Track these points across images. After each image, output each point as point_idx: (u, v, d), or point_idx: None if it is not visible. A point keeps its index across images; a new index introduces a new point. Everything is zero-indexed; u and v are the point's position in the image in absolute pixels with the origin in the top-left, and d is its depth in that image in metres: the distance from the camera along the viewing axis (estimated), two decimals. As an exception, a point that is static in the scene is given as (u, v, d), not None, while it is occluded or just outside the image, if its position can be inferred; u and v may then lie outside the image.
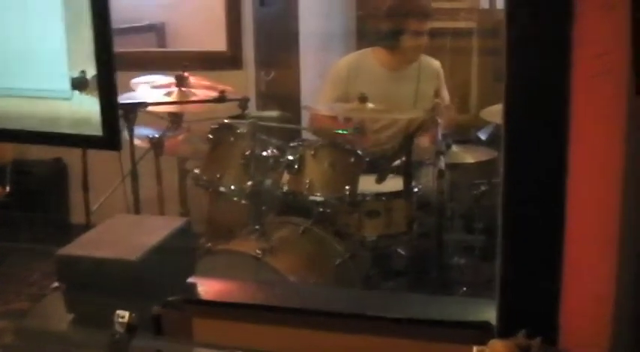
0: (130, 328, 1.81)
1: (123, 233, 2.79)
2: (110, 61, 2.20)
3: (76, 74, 2.26)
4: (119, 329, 1.81)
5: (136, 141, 4.32)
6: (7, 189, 5.54)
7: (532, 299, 1.90)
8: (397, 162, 4.22)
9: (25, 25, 2.33)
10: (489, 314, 2.04)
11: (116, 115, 2.31)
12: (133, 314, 1.81)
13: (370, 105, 4.30)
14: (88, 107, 2.26)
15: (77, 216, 5.77)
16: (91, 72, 2.23)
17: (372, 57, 5.17)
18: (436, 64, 5.24)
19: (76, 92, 2.27)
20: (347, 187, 3.98)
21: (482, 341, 1.85)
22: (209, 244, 4.03)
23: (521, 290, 1.91)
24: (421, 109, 4.72)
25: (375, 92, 4.73)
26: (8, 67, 2.40)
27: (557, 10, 1.73)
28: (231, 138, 4.11)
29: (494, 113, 4.35)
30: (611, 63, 1.71)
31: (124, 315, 1.81)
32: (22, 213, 5.52)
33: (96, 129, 2.28)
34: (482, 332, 1.96)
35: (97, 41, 2.17)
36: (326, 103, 5.02)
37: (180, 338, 2.01)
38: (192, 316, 2.06)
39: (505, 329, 1.89)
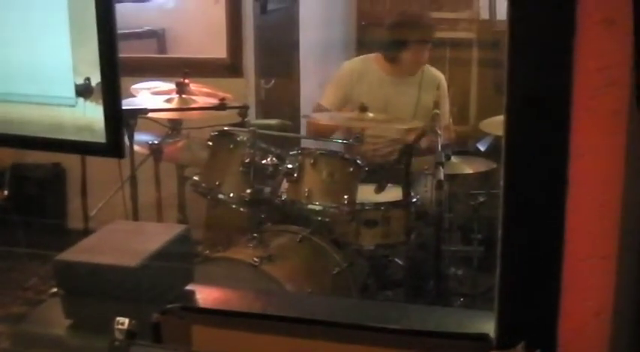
0: (130, 334, 1.81)
1: (122, 239, 2.79)
2: (115, 69, 2.21)
3: (80, 81, 2.26)
4: (119, 335, 1.81)
5: (136, 147, 4.33)
6: (6, 192, 5.55)
7: (531, 311, 1.90)
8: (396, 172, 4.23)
9: (30, 32, 2.34)
10: (487, 325, 2.04)
11: (120, 123, 2.32)
12: (133, 321, 1.81)
13: (370, 114, 4.32)
14: (91, 114, 2.26)
15: (75, 221, 5.77)
16: (96, 79, 2.24)
17: (375, 63, 5.20)
18: (439, 76, 5.26)
19: (81, 99, 2.27)
20: (345, 196, 3.98)
21: (480, 353, 1.85)
22: (207, 251, 4.04)
23: (521, 302, 1.91)
24: (421, 118, 4.75)
25: (376, 97, 4.76)
26: (13, 73, 2.40)
27: (558, 23, 1.74)
28: (231, 146, 4.12)
29: (494, 124, 4.37)
30: (613, 77, 1.72)
31: (123, 322, 1.81)
32: (19, 217, 5.51)
33: (99, 136, 2.28)
34: (480, 344, 1.95)
35: (102, 48, 2.17)
36: (328, 104, 5.04)
37: (180, 346, 2.01)
38: (192, 323, 2.06)
39: (504, 341, 1.89)
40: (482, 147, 4.90)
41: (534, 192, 1.84)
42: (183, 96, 4.56)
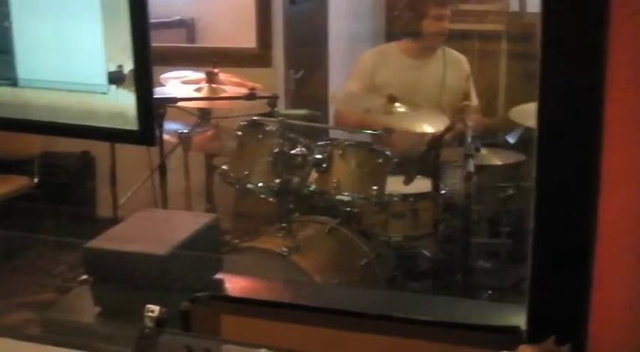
0: (160, 323, 1.81)
1: (151, 227, 2.81)
2: (147, 56, 2.21)
3: (113, 68, 2.27)
4: (149, 323, 1.81)
5: (165, 136, 4.34)
6: (35, 180, 5.58)
7: (562, 305, 1.89)
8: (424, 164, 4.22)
9: (63, 19, 2.34)
10: (515, 318, 2.04)
11: (152, 110, 2.32)
12: (163, 309, 1.81)
13: (398, 104, 4.30)
14: (124, 101, 2.27)
15: (104, 210, 5.79)
16: (128, 66, 2.24)
17: (397, 48, 5.21)
18: (463, 58, 5.27)
19: (113, 86, 2.28)
20: (374, 187, 3.97)
21: (510, 347, 1.85)
22: (235, 241, 4.04)
23: (552, 296, 1.90)
24: (447, 98, 4.74)
25: (400, 81, 4.76)
26: (46, 60, 2.41)
27: (591, 15, 1.73)
28: (260, 136, 4.11)
29: (524, 113, 4.33)
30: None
31: (154, 310, 1.82)
32: (48, 204, 5.54)
33: (131, 124, 2.29)
34: (511, 337, 1.95)
35: (135, 36, 2.17)
36: (352, 95, 5.03)
37: (209, 334, 2.02)
38: (221, 312, 2.06)
39: (534, 335, 1.89)
40: (511, 140, 4.87)
41: (567, 185, 1.83)
42: (213, 85, 4.56)
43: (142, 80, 2.22)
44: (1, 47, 2.43)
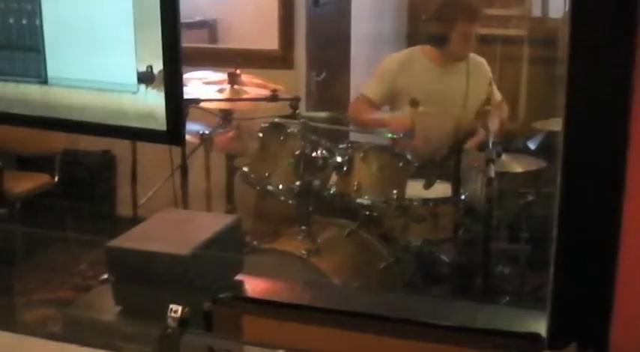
0: (183, 323, 1.82)
1: (173, 227, 2.82)
2: (178, 57, 2.22)
3: (143, 68, 2.28)
4: (171, 323, 1.82)
5: (187, 137, 4.35)
6: (56, 178, 5.60)
7: (584, 312, 1.89)
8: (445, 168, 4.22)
9: (94, 18, 2.36)
10: (535, 324, 2.04)
11: (181, 111, 2.33)
12: (186, 309, 1.82)
13: (421, 108, 4.30)
14: (153, 101, 2.28)
15: (124, 209, 5.81)
16: (158, 67, 2.25)
17: (421, 53, 5.15)
18: (482, 60, 5.21)
19: (142, 86, 2.29)
20: (394, 191, 3.98)
21: (531, 353, 1.85)
22: (255, 242, 4.05)
23: (573, 302, 1.90)
24: (470, 108, 4.71)
25: (424, 87, 4.73)
26: (76, 58, 2.42)
27: (620, 21, 1.73)
28: (281, 138, 4.12)
29: (547, 124, 4.33)
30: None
31: (177, 310, 1.82)
32: (69, 202, 5.56)
33: (160, 124, 2.30)
34: (532, 343, 1.94)
35: (166, 36, 2.19)
36: (371, 94, 5.00)
37: (231, 335, 2.02)
38: (243, 313, 2.07)
39: (555, 342, 1.88)
40: (532, 146, 4.86)
41: (591, 191, 1.83)
42: (235, 86, 4.57)
43: (172, 81, 2.23)
44: (32, 45, 2.45)
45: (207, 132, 4.51)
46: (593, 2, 1.75)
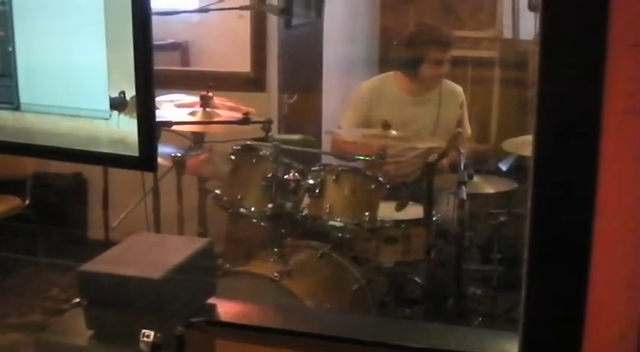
0: (155, 347, 1.82)
1: (146, 251, 2.81)
2: (150, 82, 2.22)
3: (115, 94, 2.27)
4: (144, 348, 1.82)
5: (159, 160, 4.33)
6: (27, 201, 5.57)
7: (555, 333, 1.90)
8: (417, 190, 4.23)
9: (66, 45, 2.35)
10: (507, 346, 2.05)
11: (154, 137, 2.33)
12: (159, 334, 1.82)
13: (393, 132, 4.32)
14: (125, 128, 2.27)
15: (96, 232, 5.78)
16: (130, 93, 2.25)
17: (394, 81, 5.18)
18: (458, 89, 5.26)
19: (115, 112, 2.28)
20: (367, 213, 3.98)
21: (503, 374, 1.85)
22: (227, 265, 4.04)
23: (545, 323, 1.90)
24: (442, 137, 4.73)
25: (396, 116, 4.74)
26: (49, 85, 2.42)
27: (590, 45, 1.74)
28: (254, 160, 4.12)
29: (517, 144, 4.35)
30: (642, 102, 1.72)
31: (149, 334, 1.82)
32: (40, 226, 5.53)
33: (132, 150, 2.29)
34: (504, 365, 1.96)
35: (138, 62, 2.18)
36: (348, 126, 5.04)
37: (203, 360, 2.02)
38: (216, 337, 2.07)
39: (527, 363, 1.89)
40: (504, 167, 4.89)
41: (561, 214, 1.84)
42: (207, 109, 4.56)
43: (145, 106, 2.22)
44: (4, 71, 2.44)
45: (179, 154, 4.50)
46: (563, 24, 1.76)
